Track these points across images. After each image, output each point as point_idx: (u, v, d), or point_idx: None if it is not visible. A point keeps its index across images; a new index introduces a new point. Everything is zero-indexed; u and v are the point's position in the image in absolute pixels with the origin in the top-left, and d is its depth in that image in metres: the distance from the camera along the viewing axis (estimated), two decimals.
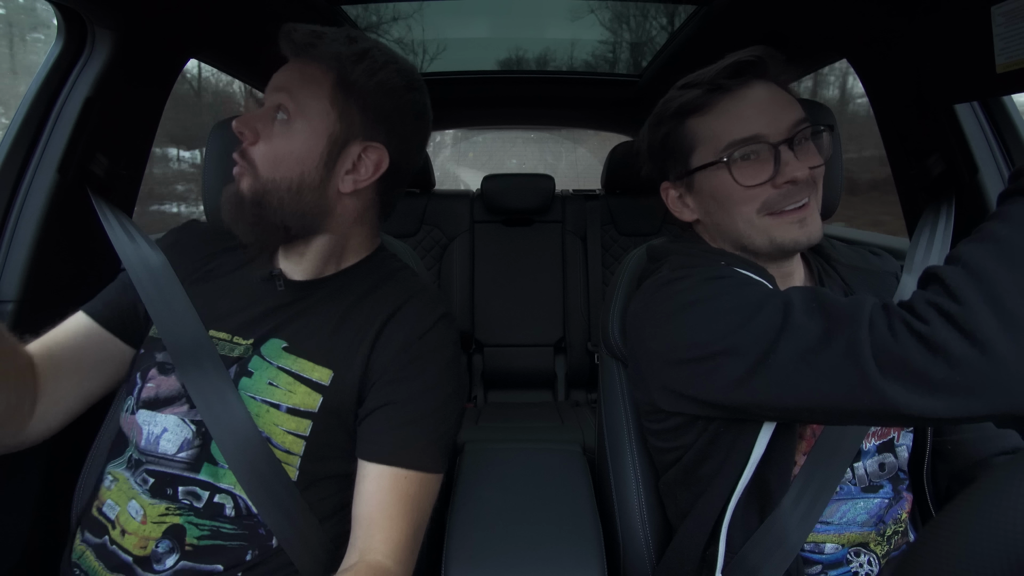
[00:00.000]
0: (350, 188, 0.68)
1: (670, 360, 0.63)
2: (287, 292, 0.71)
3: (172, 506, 0.64)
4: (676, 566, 0.71)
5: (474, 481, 0.93)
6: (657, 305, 0.67)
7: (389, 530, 0.63)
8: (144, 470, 0.66)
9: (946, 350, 0.45)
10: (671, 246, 0.77)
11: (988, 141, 0.92)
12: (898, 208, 1.06)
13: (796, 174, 0.65)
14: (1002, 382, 0.44)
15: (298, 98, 0.66)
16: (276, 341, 0.68)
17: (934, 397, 0.46)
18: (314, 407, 0.66)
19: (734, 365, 0.56)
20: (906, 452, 0.72)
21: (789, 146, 0.66)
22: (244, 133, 0.66)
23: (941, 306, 0.46)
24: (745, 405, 0.58)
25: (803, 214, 0.67)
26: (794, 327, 0.53)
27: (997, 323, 0.44)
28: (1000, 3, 0.71)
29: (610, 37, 1.71)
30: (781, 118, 0.66)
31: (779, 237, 0.67)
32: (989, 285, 0.45)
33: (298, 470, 0.66)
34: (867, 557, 0.69)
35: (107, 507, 0.67)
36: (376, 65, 0.67)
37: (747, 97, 0.67)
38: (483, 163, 4.04)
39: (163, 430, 0.66)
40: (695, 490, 0.70)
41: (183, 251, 0.77)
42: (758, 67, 0.67)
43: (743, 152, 0.67)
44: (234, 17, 1.06)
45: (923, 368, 0.46)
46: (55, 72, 0.91)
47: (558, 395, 2.07)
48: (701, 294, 0.62)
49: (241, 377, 0.67)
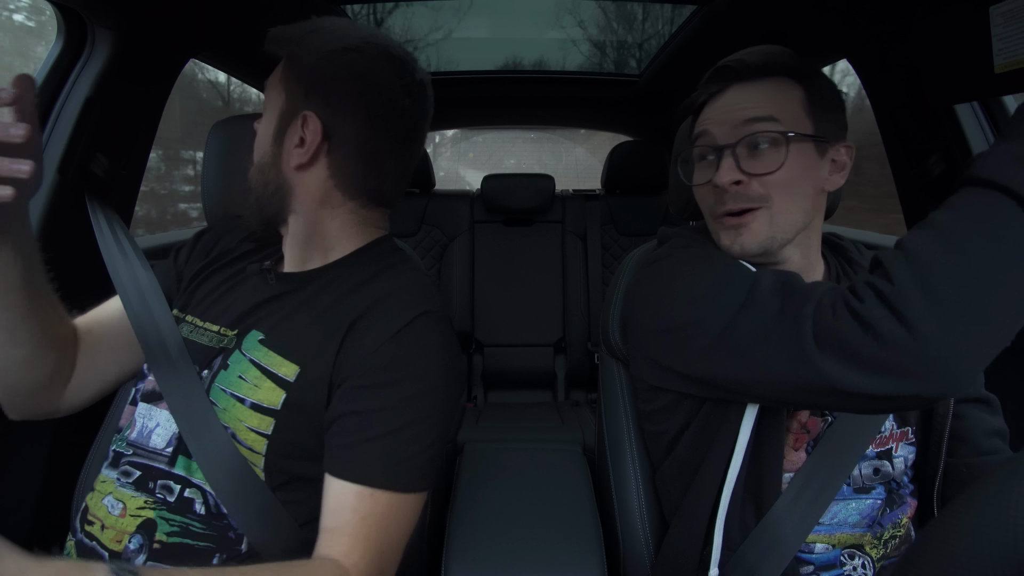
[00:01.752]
0: (296, 162, 0.67)
1: (650, 330, 0.68)
2: (277, 285, 0.71)
3: (149, 499, 0.64)
4: (673, 562, 0.72)
5: (474, 481, 0.93)
6: (645, 279, 0.72)
7: (351, 547, 0.58)
8: (129, 462, 0.66)
9: (876, 328, 0.47)
10: (678, 230, 0.80)
11: (988, 141, 0.93)
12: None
13: (719, 181, 0.65)
14: (927, 363, 0.47)
15: (268, 88, 0.71)
16: (255, 333, 0.67)
17: (864, 374, 0.49)
18: (276, 404, 0.63)
19: (700, 337, 0.60)
20: (903, 464, 0.72)
21: (731, 151, 0.65)
22: (257, 129, 0.72)
23: (876, 285, 0.49)
24: (711, 378, 0.61)
25: (737, 221, 0.67)
26: (755, 304, 0.56)
27: (925, 304, 0.46)
28: (999, 3, 0.71)
29: (610, 37, 1.71)
30: (731, 119, 0.66)
31: (721, 239, 0.69)
32: (922, 268, 0.47)
33: (263, 470, 0.63)
34: (861, 560, 0.69)
35: (94, 502, 0.67)
36: (326, 38, 0.67)
37: (718, 101, 0.69)
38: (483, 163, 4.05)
39: (156, 424, 0.67)
40: (686, 482, 0.70)
41: (202, 249, 0.81)
42: (737, 71, 0.68)
43: (697, 153, 0.70)
44: (234, 17, 1.06)
45: (855, 344, 0.48)
46: (55, 72, 0.91)
47: (558, 395, 2.07)
48: (682, 270, 0.67)
49: (220, 370, 0.67)
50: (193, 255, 0.80)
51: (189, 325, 0.72)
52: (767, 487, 0.66)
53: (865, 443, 0.68)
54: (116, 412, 0.81)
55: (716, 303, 0.59)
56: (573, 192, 2.25)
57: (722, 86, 0.69)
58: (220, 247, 0.79)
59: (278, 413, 0.63)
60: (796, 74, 0.68)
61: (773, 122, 0.65)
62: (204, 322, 0.71)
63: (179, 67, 1.11)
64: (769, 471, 0.66)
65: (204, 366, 0.68)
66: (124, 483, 0.66)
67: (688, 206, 0.87)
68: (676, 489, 0.73)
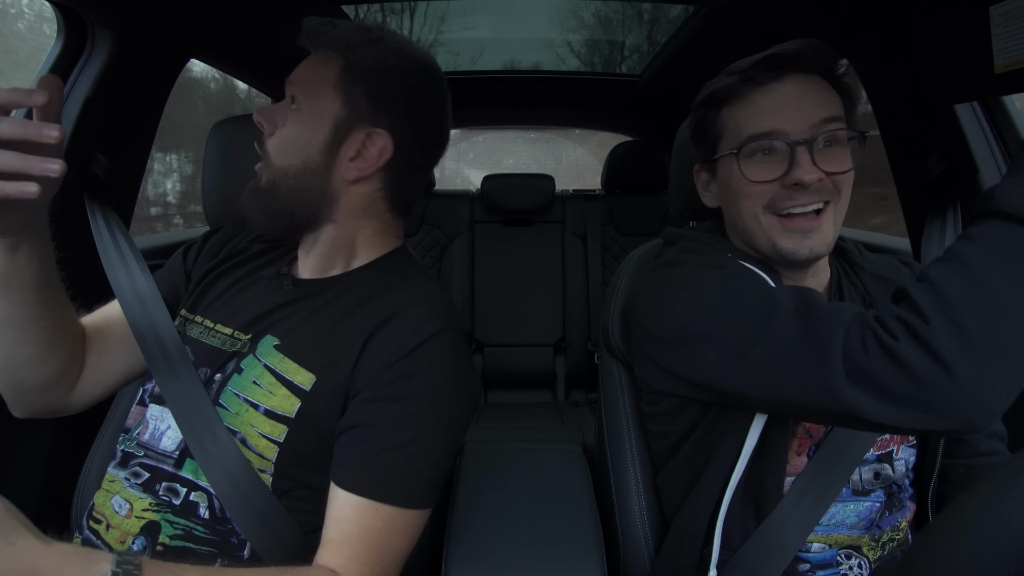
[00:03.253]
0: (354, 176, 0.67)
1: (659, 339, 0.66)
2: (296, 290, 0.70)
3: (154, 501, 0.64)
4: (673, 562, 0.72)
5: (474, 481, 0.93)
6: (654, 284, 0.69)
7: (351, 558, 0.58)
8: (139, 463, 0.66)
9: (911, 366, 0.47)
10: (686, 231, 0.78)
11: (988, 141, 0.92)
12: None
13: (804, 177, 0.62)
14: (959, 401, 0.47)
15: (306, 86, 0.66)
16: (270, 338, 0.67)
17: (893, 407, 0.49)
18: (291, 412, 0.63)
19: (713, 351, 0.59)
20: (904, 467, 0.72)
21: (808, 147, 0.63)
22: (262, 124, 0.68)
23: (910, 323, 0.48)
24: (722, 390, 0.60)
25: (810, 224, 0.64)
26: (775, 325, 0.55)
27: (958, 344, 0.46)
28: (999, 3, 0.71)
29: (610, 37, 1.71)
30: (805, 116, 0.63)
31: (780, 243, 0.65)
32: (953, 307, 0.47)
33: (271, 476, 0.64)
34: (858, 560, 0.69)
35: (102, 500, 0.68)
36: (387, 51, 0.66)
37: (775, 92, 0.65)
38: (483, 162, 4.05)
39: (167, 427, 0.66)
40: (688, 483, 0.70)
41: (210, 251, 0.79)
42: (795, 61, 0.64)
43: (759, 147, 0.65)
44: (234, 17, 1.06)
45: (887, 380, 0.49)
46: (55, 72, 0.91)
47: (558, 395, 2.07)
48: (695, 279, 0.64)
49: (233, 374, 0.66)
50: (202, 255, 0.79)
51: (199, 326, 0.71)
52: (768, 490, 0.66)
53: (866, 447, 0.68)
54: (121, 411, 0.81)
55: (733, 318, 0.58)
56: (573, 192, 2.25)
57: (776, 75, 0.65)
58: (230, 248, 0.78)
59: (292, 421, 0.63)
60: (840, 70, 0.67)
61: (841, 120, 0.64)
62: (215, 324, 0.70)
63: (179, 67, 1.11)
64: (771, 475, 0.66)
65: (216, 369, 0.67)
66: (133, 484, 0.66)
67: (688, 206, 0.87)
68: (678, 490, 0.73)
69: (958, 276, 0.48)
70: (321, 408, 0.63)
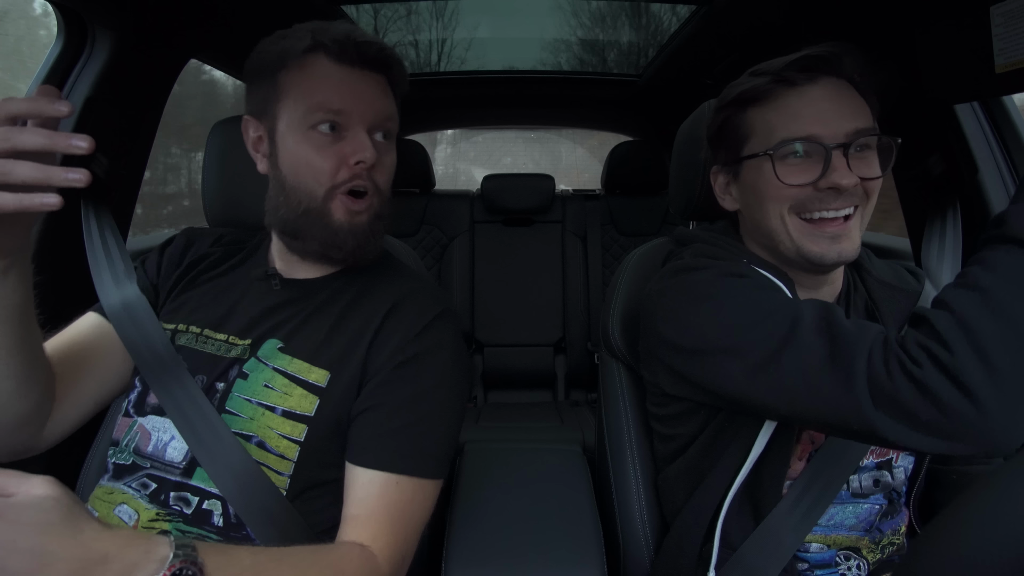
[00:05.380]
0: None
1: (677, 347, 0.65)
2: (285, 291, 0.71)
3: (163, 512, 0.64)
4: (673, 562, 0.72)
5: (474, 481, 0.93)
6: (673, 291, 0.68)
7: (377, 532, 0.60)
8: (145, 475, 0.66)
9: (936, 395, 0.48)
10: (700, 233, 0.76)
11: (988, 141, 0.92)
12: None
13: (842, 181, 0.61)
14: (984, 430, 0.47)
15: (395, 118, 0.70)
16: (273, 341, 0.67)
17: (919, 433, 0.49)
18: (310, 411, 0.64)
19: (734, 365, 0.59)
20: (903, 474, 0.72)
21: (844, 151, 0.62)
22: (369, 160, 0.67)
23: (933, 352, 0.49)
24: (740, 401, 0.60)
25: (840, 229, 0.63)
26: (799, 343, 0.55)
27: (984, 374, 0.46)
28: (1000, 3, 0.71)
29: (610, 37, 1.71)
30: (841, 121, 0.62)
31: (807, 247, 0.64)
32: (976, 336, 0.47)
33: (290, 476, 0.64)
34: (857, 562, 0.69)
35: (105, 513, 0.66)
36: (404, 73, 0.71)
37: (810, 94, 0.63)
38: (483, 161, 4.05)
39: (171, 437, 0.66)
40: (692, 483, 0.70)
41: (171, 260, 0.77)
42: (830, 63, 0.63)
43: (793, 149, 0.64)
44: (234, 17, 1.06)
45: (913, 408, 0.49)
46: (55, 72, 0.91)
47: (558, 395, 2.07)
48: (715, 289, 0.63)
49: (237, 379, 0.66)
50: (164, 266, 0.77)
51: (186, 334, 0.70)
52: (768, 492, 0.66)
53: (863, 452, 0.68)
54: (109, 425, 0.80)
55: (756, 333, 0.58)
56: (573, 192, 2.24)
57: (810, 77, 0.64)
58: (192, 254, 0.77)
59: (312, 419, 0.65)
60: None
61: (874, 127, 0.64)
62: (204, 330, 0.70)
63: (179, 67, 1.11)
64: (772, 478, 0.66)
65: (216, 377, 0.67)
66: (141, 495, 0.65)
67: (689, 206, 0.86)
68: (680, 491, 0.73)
69: (978, 305, 0.48)
70: (340, 401, 0.65)
